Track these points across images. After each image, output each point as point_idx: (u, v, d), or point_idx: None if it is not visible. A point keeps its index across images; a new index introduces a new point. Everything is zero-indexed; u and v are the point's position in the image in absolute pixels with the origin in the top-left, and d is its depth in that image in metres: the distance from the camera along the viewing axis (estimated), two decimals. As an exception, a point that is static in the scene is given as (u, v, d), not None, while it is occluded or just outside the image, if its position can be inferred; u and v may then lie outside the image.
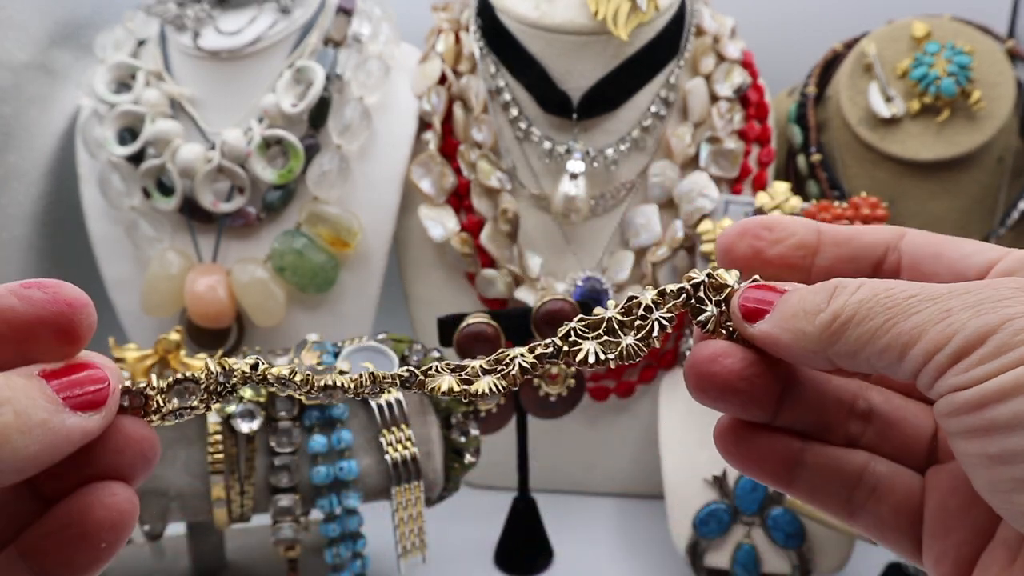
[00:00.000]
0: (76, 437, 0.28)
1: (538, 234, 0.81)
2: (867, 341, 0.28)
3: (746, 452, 0.32)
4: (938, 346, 0.26)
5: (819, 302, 0.29)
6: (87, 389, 0.29)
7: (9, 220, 0.79)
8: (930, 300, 0.27)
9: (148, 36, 0.82)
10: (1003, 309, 0.26)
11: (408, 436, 0.65)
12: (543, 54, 0.77)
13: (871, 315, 0.28)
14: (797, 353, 0.30)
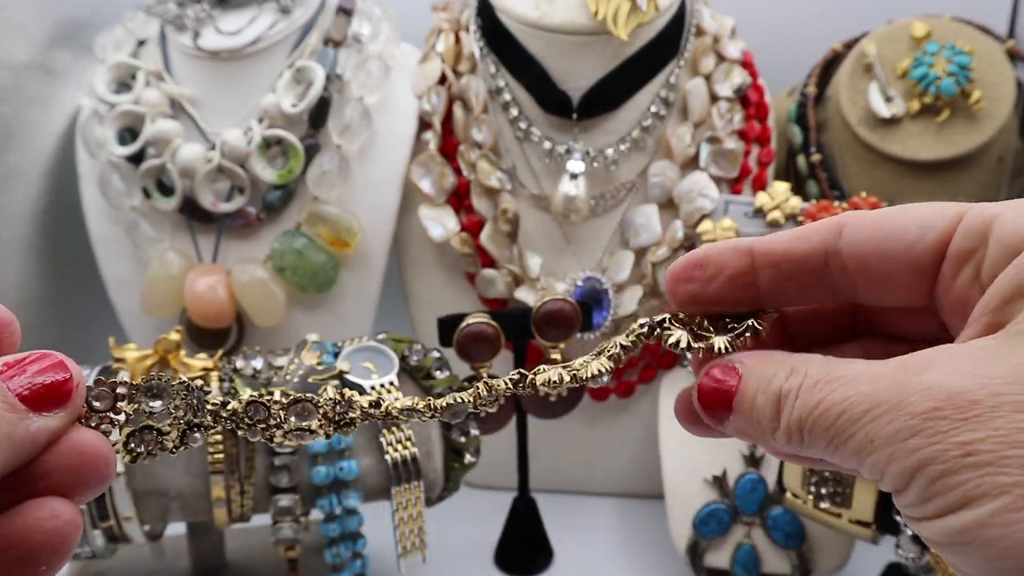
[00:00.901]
0: (43, 440, 0.27)
1: (538, 234, 0.81)
2: (828, 453, 0.28)
3: None
4: (903, 482, 0.26)
5: (770, 418, 0.29)
6: (49, 379, 0.28)
7: (9, 220, 0.79)
8: (855, 422, 0.27)
9: (148, 36, 0.82)
10: (970, 446, 0.25)
11: (408, 436, 0.65)
12: (543, 54, 0.77)
13: (815, 433, 0.28)
14: (772, 452, 0.31)
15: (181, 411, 0.32)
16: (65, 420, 0.28)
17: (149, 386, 0.31)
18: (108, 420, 0.30)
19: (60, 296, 0.88)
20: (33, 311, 0.84)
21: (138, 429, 0.31)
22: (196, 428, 0.32)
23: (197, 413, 0.32)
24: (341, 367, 0.66)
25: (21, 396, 0.27)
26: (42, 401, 0.27)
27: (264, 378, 0.66)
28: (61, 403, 0.28)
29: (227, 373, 0.66)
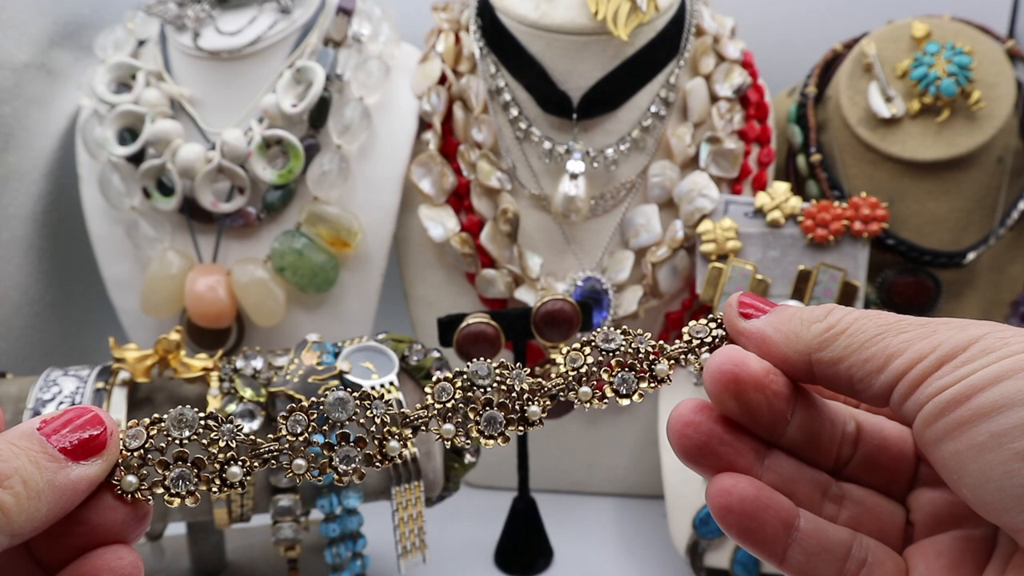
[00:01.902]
0: (83, 487, 0.30)
1: (538, 234, 0.81)
2: (855, 350, 0.30)
3: (748, 519, 0.34)
4: (923, 355, 0.29)
5: (817, 315, 0.32)
6: (86, 434, 0.30)
7: (9, 220, 0.79)
8: (918, 324, 0.30)
9: (148, 36, 0.82)
10: (986, 327, 0.29)
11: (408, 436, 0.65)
12: (543, 54, 0.77)
13: (863, 329, 0.31)
14: (782, 353, 0.32)
15: (213, 445, 0.33)
16: (102, 467, 0.31)
17: (180, 417, 0.33)
18: (141, 462, 0.32)
19: (60, 296, 0.88)
20: (33, 311, 0.84)
21: (173, 475, 0.33)
22: (233, 461, 0.33)
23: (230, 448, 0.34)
24: (341, 367, 0.66)
25: (62, 449, 0.30)
26: (80, 450, 0.30)
27: (264, 378, 0.66)
28: (98, 451, 0.30)
29: (227, 373, 0.66)
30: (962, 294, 0.84)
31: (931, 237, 0.82)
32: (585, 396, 0.35)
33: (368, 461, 0.34)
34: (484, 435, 0.35)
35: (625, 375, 0.35)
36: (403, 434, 0.35)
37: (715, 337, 0.35)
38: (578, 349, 0.36)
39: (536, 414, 0.35)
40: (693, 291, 0.80)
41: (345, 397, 0.34)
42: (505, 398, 0.35)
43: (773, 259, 0.77)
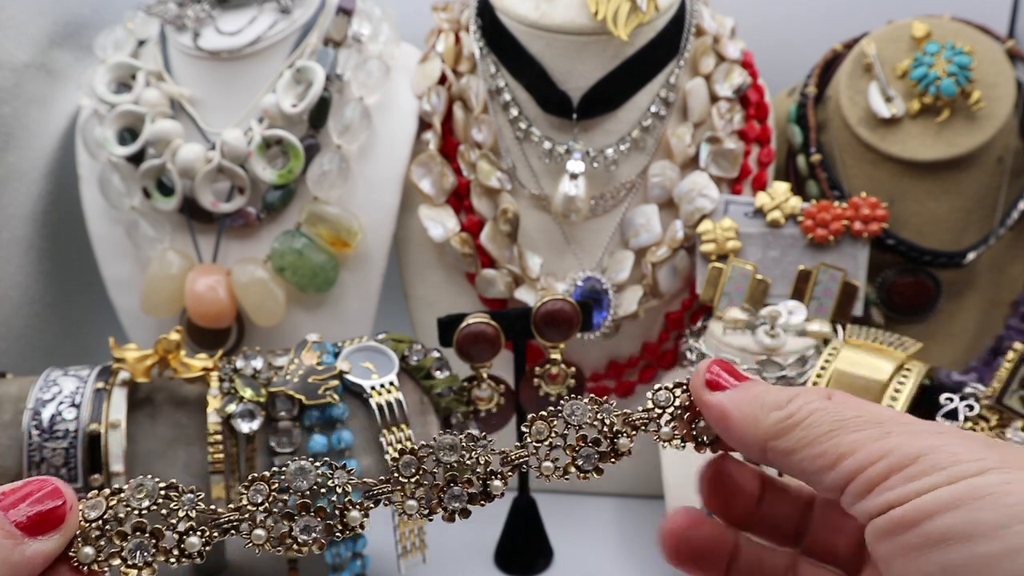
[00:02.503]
0: (39, 563, 0.29)
1: (538, 234, 0.81)
2: (807, 443, 0.31)
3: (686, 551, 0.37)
4: (872, 460, 0.29)
5: (779, 400, 0.32)
6: (45, 508, 0.29)
7: (9, 220, 0.79)
8: (874, 422, 0.30)
9: (148, 36, 0.82)
10: (939, 437, 0.29)
11: (408, 436, 0.65)
12: (543, 54, 0.77)
13: (818, 423, 0.31)
14: (739, 434, 0.33)
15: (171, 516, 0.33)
16: (59, 542, 0.30)
17: (139, 487, 0.33)
18: (100, 533, 0.32)
19: (60, 296, 0.88)
20: (33, 311, 0.84)
21: (130, 545, 0.32)
22: (192, 531, 0.33)
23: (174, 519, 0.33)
24: (341, 367, 0.66)
25: (18, 523, 0.29)
26: (38, 527, 0.29)
27: (264, 378, 0.66)
28: (55, 526, 0.30)
29: (227, 373, 0.66)
30: (962, 294, 0.84)
31: (931, 237, 0.81)
32: (548, 471, 0.36)
33: (328, 531, 0.34)
34: (446, 511, 0.35)
35: (588, 451, 0.36)
36: (364, 505, 0.35)
37: (678, 407, 0.36)
38: (545, 419, 0.36)
39: (499, 488, 0.36)
40: (693, 291, 0.80)
41: (307, 467, 0.34)
42: (471, 473, 0.35)
43: (773, 259, 0.77)
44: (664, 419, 0.36)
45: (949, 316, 0.84)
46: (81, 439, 0.61)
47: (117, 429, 0.62)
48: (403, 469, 0.35)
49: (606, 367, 0.84)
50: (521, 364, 0.72)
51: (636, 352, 0.83)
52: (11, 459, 0.61)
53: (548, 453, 0.36)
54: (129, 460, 0.62)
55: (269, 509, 0.34)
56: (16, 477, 0.61)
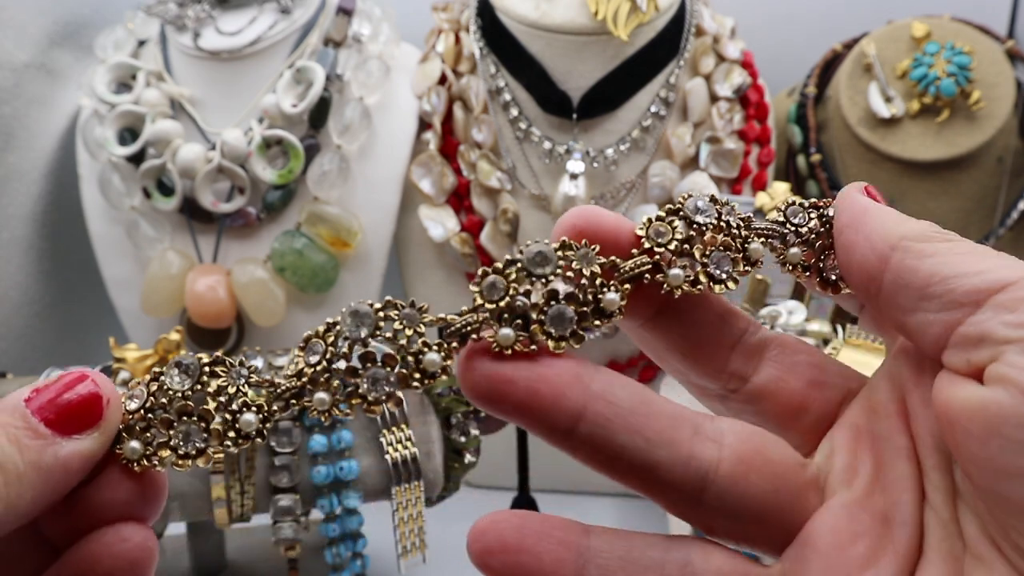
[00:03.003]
0: (76, 466, 0.25)
1: (538, 234, 0.81)
2: (951, 252, 0.26)
3: None
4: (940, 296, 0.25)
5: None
6: (76, 397, 0.25)
7: (9, 220, 0.79)
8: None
9: (148, 36, 0.82)
10: None
11: (408, 436, 0.65)
12: (543, 54, 0.77)
13: (967, 244, 0.26)
14: (873, 227, 0.28)
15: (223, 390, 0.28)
16: (99, 441, 0.26)
17: (179, 364, 0.28)
18: (146, 425, 0.27)
19: (61, 296, 0.88)
20: (33, 311, 0.84)
21: (179, 431, 0.27)
22: (247, 408, 0.28)
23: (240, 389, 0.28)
24: (341, 367, 0.66)
25: (47, 420, 0.25)
26: (71, 422, 0.25)
27: (264, 378, 0.66)
28: (92, 423, 0.25)
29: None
30: (962, 294, 0.84)
31: (931, 237, 0.81)
32: (676, 280, 0.27)
33: (403, 381, 0.27)
34: (553, 337, 0.27)
35: (720, 255, 0.28)
36: (446, 344, 0.27)
37: (812, 228, 0.30)
38: (663, 220, 0.28)
39: (615, 303, 0.27)
40: (693, 291, 0.80)
41: (363, 310, 0.27)
42: (574, 287, 0.27)
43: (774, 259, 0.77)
44: (793, 235, 0.30)
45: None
46: (81, 439, 0.61)
47: (117, 429, 0.62)
48: (487, 292, 0.27)
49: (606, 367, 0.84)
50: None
51: (636, 352, 0.83)
52: (11, 459, 0.61)
53: (672, 259, 0.28)
54: (129, 460, 0.62)
55: (328, 368, 0.27)
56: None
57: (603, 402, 0.26)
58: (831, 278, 0.31)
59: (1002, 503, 0.24)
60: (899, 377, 0.28)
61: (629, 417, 0.26)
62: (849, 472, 0.28)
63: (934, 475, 0.26)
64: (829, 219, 0.30)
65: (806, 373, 0.30)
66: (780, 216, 0.31)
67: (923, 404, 0.27)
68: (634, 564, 0.27)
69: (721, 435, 0.27)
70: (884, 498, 0.27)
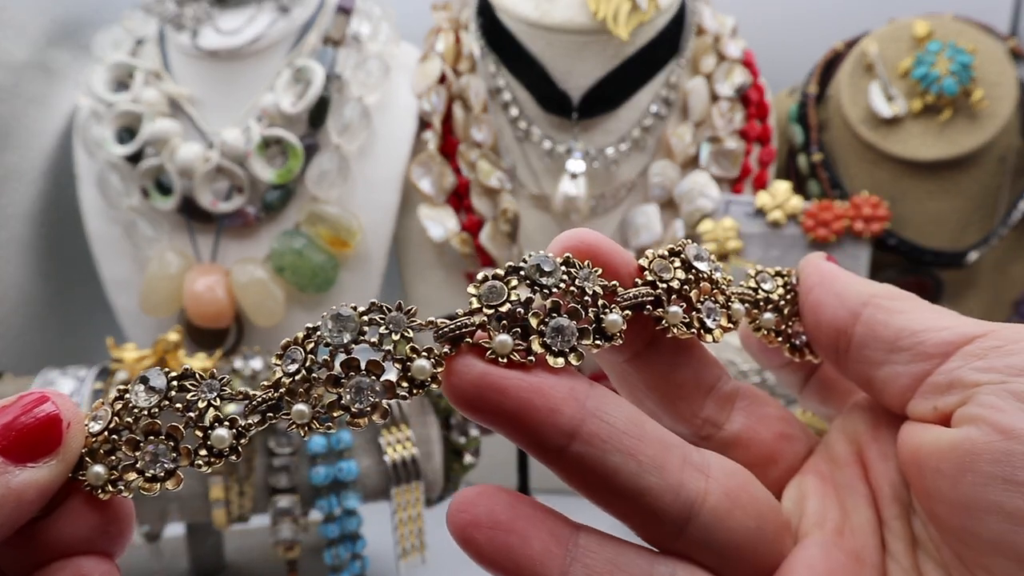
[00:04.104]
0: (30, 497, 0.23)
1: (538, 234, 0.81)
2: (912, 309, 0.28)
3: None
4: (985, 331, 0.26)
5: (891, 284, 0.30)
6: (31, 421, 0.23)
7: (8, 220, 0.79)
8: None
9: (147, 35, 0.82)
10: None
11: (408, 437, 0.65)
12: (543, 53, 0.77)
13: (923, 303, 0.28)
14: (842, 288, 0.29)
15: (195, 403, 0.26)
16: (58, 469, 0.23)
17: (144, 380, 0.26)
18: (111, 447, 0.25)
19: (59, 296, 0.87)
20: (32, 311, 0.83)
21: (145, 452, 0.25)
22: (219, 423, 0.26)
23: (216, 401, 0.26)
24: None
25: (1, 450, 0.23)
26: (26, 449, 0.23)
27: (263, 378, 0.66)
28: (50, 449, 0.23)
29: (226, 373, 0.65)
30: (964, 294, 0.84)
31: (932, 237, 0.81)
32: (674, 318, 0.27)
33: (389, 391, 0.25)
34: (552, 351, 0.26)
35: (711, 305, 0.28)
36: (436, 352, 0.25)
37: (781, 296, 0.31)
38: (665, 257, 0.28)
39: (616, 325, 0.26)
40: (694, 291, 0.80)
41: (345, 313, 0.25)
42: (576, 302, 0.26)
43: (774, 259, 0.77)
44: (765, 301, 0.31)
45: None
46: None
47: (115, 430, 0.62)
48: (486, 296, 0.26)
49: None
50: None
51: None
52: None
53: (672, 297, 0.28)
54: (127, 461, 0.62)
55: (308, 377, 0.25)
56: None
57: (599, 421, 0.25)
58: (798, 343, 0.32)
59: (973, 542, 0.24)
60: (854, 432, 0.30)
61: (623, 438, 0.25)
62: (820, 515, 0.28)
63: (894, 524, 0.28)
64: (793, 286, 0.32)
65: (775, 426, 0.31)
66: (752, 282, 0.31)
67: (881, 457, 0.29)
68: (621, 570, 0.26)
69: (708, 467, 0.27)
70: (854, 540, 0.28)
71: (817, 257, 0.31)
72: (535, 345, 0.26)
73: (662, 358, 0.29)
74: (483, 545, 0.25)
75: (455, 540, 0.25)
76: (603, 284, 0.27)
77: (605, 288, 0.27)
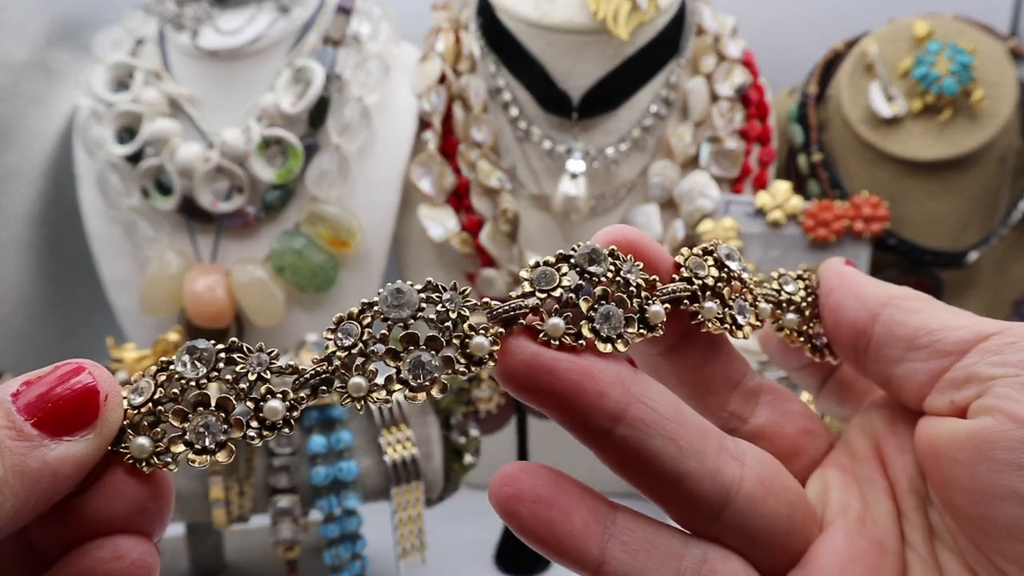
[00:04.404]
0: (67, 471, 0.22)
1: (538, 234, 0.81)
2: (930, 309, 0.29)
3: None
4: (999, 328, 0.27)
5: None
6: (66, 392, 0.22)
7: (8, 220, 0.79)
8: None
9: (147, 35, 0.82)
10: None
11: (408, 436, 0.65)
12: (543, 53, 0.77)
13: (938, 304, 0.30)
14: (860, 292, 0.31)
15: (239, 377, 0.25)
16: (94, 443, 0.23)
17: (192, 350, 0.25)
18: (154, 419, 0.24)
19: (59, 296, 0.87)
20: (32, 311, 0.83)
21: (195, 424, 0.25)
22: (272, 395, 0.25)
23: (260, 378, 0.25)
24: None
25: (35, 418, 0.22)
26: (62, 422, 0.22)
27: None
28: (88, 423, 0.23)
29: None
30: (964, 294, 0.84)
31: (932, 237, 0.81)
32: (709, 312, 0.28)
33: (448, 365, 0.26)
34: (601, 337, 0.26)
35: (742, 303, 0.30)
36: (492, 329, 0.26)
37: (803, 298, 0.32)
38: (701, 256, 0.29)
39: (659, 316, 0.27)
40: (694, 291, 0.80)
41: (404, 289, 0.26)
42: (622, 292, 0.27)
43: (774, 259, 0.77)
44: (787, 302, 0.32)
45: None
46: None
47: (115, 429, 0.62)
48: (539, 282, 0.27)
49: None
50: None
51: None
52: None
53: (707, 293, 0.29)
54: (127, 461, 0.62)
55: (364, 351, 0.25)
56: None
57: (643, 406, 0.26)
58: (818, 344, 0.33)
59: (989, 528, 0.25)
60: (872, 429, 0.31)
61: (665, 423, 0.26)
62: (843, 505, 0.30)
63: (912, 516, 0.29)
64: (813, 289, 0.33)
65: (799, 421, 0.32)
66: (775, 284, 0.32)
67: (898, 451, 0.30)
68: (657, 548, 0.27)
69: (743, 455, 0.28)
70: (875, 529, 0.29)
71: (837, 261, 0.33)
72: (585, 330, 0.26)
73: (695, 352, 0.30)
74: (526, 518, 0.26)
75: (498, 512, 0.26)
76: (645, 277, 0.28)
77: (646, 281, 0.28)
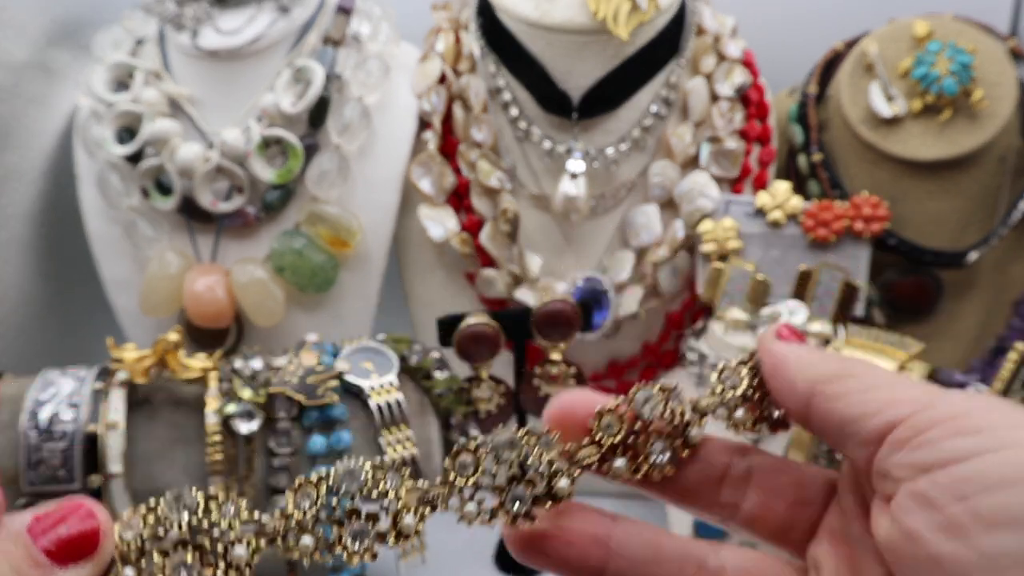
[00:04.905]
0: None
1: (538, 234, 0.81)
2: (858, 390, 0.30)
3: None
4: (926, 406, 0.28)
5: (837, 356, 0.33)
6: (77, 533, 0.28)
7: (7, 220, 0.79)
8: (923, 384, 0.30)
9: (147, 35, 0.82)
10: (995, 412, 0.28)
11: (407, 437, 0.65)
12: (543, 53, 0.77)
13: (873, 374, 0.31)
14: (793, 375, 0.32)
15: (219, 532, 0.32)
16: (93, 571, 0.28)
17: (178, 499, 0.31)
18: (140, 553, 0.30)
19: (58, 296, 0.87)
20: (31, 311, 0.83)
21: (174, 562, 0.30)
22: (237, 542, 0.32)
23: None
24: (340, 367, 0.66)
25: (48, 552, 0.27)
26: (68, 553, 0.28)
27: (263, 379, 0.66)
28: (89, 553, 0.28)
29: (226, 374, 0.65)
30: (964, 294, 0.84)
31: (933, 237, 0.81)
32: (619, 471, 0.33)
33: (381, 539, 0.32)
34: (508, 514, 0.32)
35: (661, 443, 0.33)
36: (420, 510, 0.32)
37: (749, 386, 0.34)
38: (612, 412, 0.33)
39: (565, 490, 0.33)
40: (694, 291, 0.80)
41: (356, 469, 0.32)
42: (534, 472, 0.32)
43: (774, 259, 0.77)
44: (735, 401, 0.34)
45: (951, 316, 0.84)
46: (79, 440, 0.61)
47: (115, 430, 0.62)
48: (460, 469, 0.32)
49: (606, 367, 0.83)
50: (521, 364, 0.72)
51: (636, 352, 0.83)
52: (8, 460, 0.61)
53: (619, 449, 0.33)
54: (128, 461, 0.62)
55: (317, 515, 0.32)
56: (13, 478, 0.60)
57: (621, 559, 0.32)
58: (776, 418, 0.34)
59: None
60: (857, 483, 0.32)
61: (642, 568, 0.32)
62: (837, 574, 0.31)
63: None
64: (759, 369, 0.34)
65: (790, 494, 0.33)
66: (718, 385, 0.34)
67: (880, 508, 0.30)
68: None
69: (723, 570, 0.32)
70: None
71: (770, 337, 0.33)
72: (498, 512, 0.32)
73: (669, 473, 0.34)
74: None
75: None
76: (561, 449, 0.33)
77: (562, 452, 0.33)
